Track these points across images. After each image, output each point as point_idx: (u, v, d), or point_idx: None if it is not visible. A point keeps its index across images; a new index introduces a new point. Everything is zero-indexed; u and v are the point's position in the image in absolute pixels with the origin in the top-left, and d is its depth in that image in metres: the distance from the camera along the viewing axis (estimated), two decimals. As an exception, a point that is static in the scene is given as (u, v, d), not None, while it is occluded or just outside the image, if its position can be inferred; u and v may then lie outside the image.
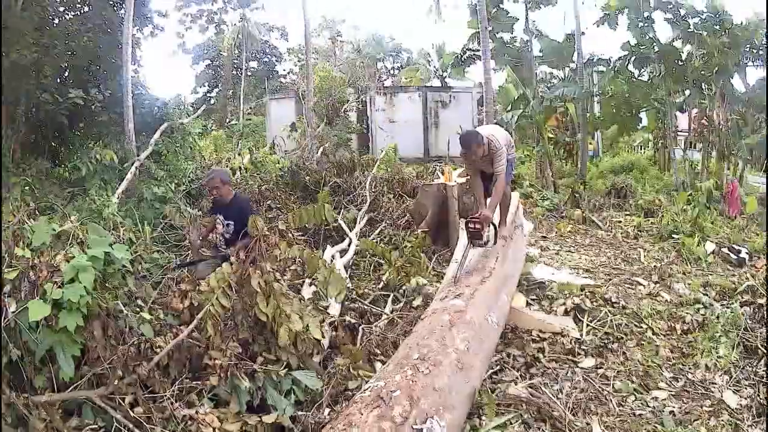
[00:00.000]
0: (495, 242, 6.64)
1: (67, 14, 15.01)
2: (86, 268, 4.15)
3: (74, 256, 4.27)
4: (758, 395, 5.02)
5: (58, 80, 13.46)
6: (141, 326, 4.54)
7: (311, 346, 4.98)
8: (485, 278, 5.69)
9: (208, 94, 46.41)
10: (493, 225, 6.63)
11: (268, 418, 4.32)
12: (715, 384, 5.32)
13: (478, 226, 6.30)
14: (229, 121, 35.99)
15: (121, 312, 4.51)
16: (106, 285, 4.55)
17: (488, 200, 6.70)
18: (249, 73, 43.75)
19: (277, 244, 5.09)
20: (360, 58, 33.32)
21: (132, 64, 14.47)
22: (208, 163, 15.71)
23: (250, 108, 39.81)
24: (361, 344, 5.77)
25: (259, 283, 4.77)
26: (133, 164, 12.22)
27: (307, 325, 4.93)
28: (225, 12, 41.87)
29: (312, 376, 4.79)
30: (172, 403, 4.16)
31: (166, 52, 43.92)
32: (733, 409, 4.87)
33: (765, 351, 5.64)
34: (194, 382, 4.45)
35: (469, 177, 7.54)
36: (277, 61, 47.32)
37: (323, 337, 5.28)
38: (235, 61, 43.07)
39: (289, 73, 45.77)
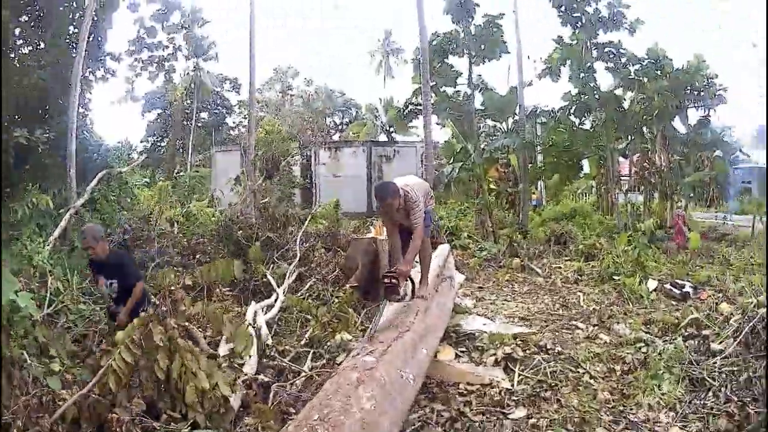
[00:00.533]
0: (412, 297, 6.43)
1: (24, 48, 14.72)
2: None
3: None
4: (708, 428, 4.90)
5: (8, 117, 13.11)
6: (47, 378, 4.37)
7: (218, 404, 4.72)
8: (402, 333, 5.45)
9: (158, 144, 46.07)
10: (410, 279, 6.42)
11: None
12: (660, 422, 5.18)
13: (393, 281, 6.02)
14: (178, 172, 35.72)
15: (26, 362, 4.36)
16: (11, 333, 4.38)
17: (405, 254, 6.36)
18: (199, 124, 43.63)
19: (182, 299, 4.85)
20: (308, 113, 33.54)
21: (80, 108, 14.23)
22: (145, 213, 15.40)
23: (199, 159, 39.60)
24: (273, 403, 5.50)
25: (161, 338, 4.52)
26: (68, 211, 11.95)
27: (216, 383, 4.69)
28: (175, 59, 41.64)
29: (209, 439, 4.52)
30: None
31: (116, 98, 43.18)
32: (681, 446, 4.69)
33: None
34: None
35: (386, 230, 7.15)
36: (227, 113, 47.45)
37: (234, 393, 5.01)
38: (186, 112, 42.94)
39: (238, 125, 45.87)
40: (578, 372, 6.48)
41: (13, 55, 14.04)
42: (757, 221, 20.16)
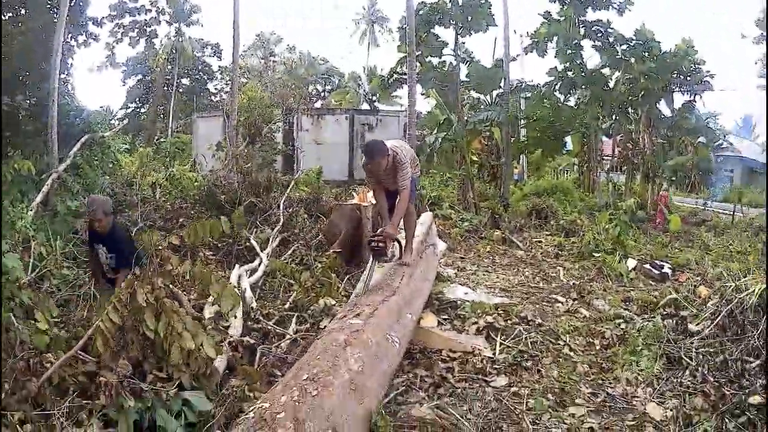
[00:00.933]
0: (400, 256, 6.54)
1: (4, 15, 14.43)
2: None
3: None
4: (684, 405, 4.93)
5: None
6: (34, 337, 4.33)
7: (203, 364, 4.72)
8: (388, 297, 5.52)
9: (139, 110, 45.54)
10: (397, 241, 6.52)
11: (156, 442, 4.05)
12: (638, 397, 5.26)
13: (381, 243, 6.18)
14: (158, 139, 35.39)
15: (12, 325, 4.29)
16: (-2, 296, 4.30)
17: (392, 217, 6.46)
18: (180, 90, 43.14)
19: (169, 258, 4.81)
20: (291, 79, 33.27)
21: (62, 74, 14.05)
22: (128, 178, 15.27)
23: (180, 126, 39.20)
24: (259, 365, 5.54)
25: (146, 298, 4.49)
26: (50, 176, 11.83)
27: (202, 343, 4.70)
28: (158, 23, 41.02)
29: (201, 397, 4.52)
30: (62, 423, 3.89)
31: (97, 64, 42.54)
32: (657, 422, 4.79)
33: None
34: (85, 401, 4.16)
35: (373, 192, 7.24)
36: (208, 78, 46.93)
37: (219, 354, 5.01)
38: (167, 77, 42.42)
39: (219, 91, 45.43)
40: (558, 344, 6.55)
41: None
42: (737, 210, 20.51)
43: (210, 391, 4.71)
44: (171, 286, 5.34)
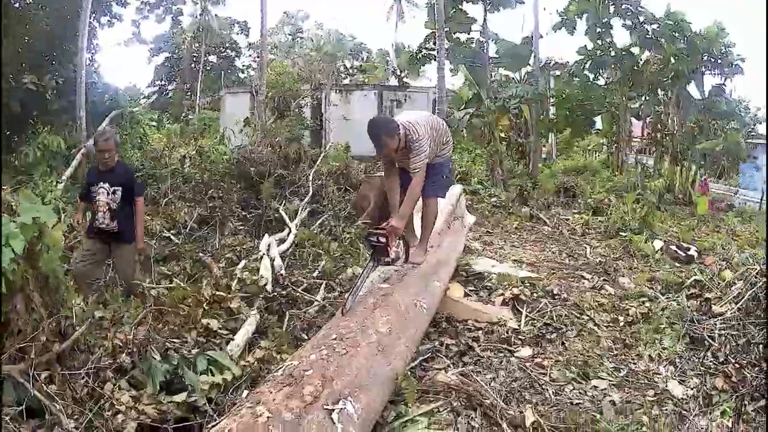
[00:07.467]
0: (406, 259, 5.58)
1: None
2: (16, 235, 3.79)
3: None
4: (705, 385, 4.94)
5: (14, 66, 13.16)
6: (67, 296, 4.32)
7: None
8: (416, 264, 5.56)
9: (166, 88, 45.66)
10: (403, 239, 5.50)
11: (179, 398, 4.09)
12: (659, 374, 5.26)
13: (383, 239, 5.00)
14: (185, 116, 35.56)
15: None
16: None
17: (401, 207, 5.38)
18: (207, 67, 43.18)
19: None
20: (319, 56, 33.22)
21: (87, 53, 14.25)
22: (156, 152, 15.42)
23: (207, 103, 39.31)
24: (287, 328, 5.63)
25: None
26: (79, 150, 12.10)
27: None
28: (183, 2, 40.98)
29: (224, 355, 4.63)
30: (87, 383, 3.96)
31: (123, 41, 42.52)
32: (678, 399, 4.80)
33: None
34: (110, 360, 4.24)
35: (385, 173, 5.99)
36: (236, 55, 46.90)
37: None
38: (194, 55, 42.48)
39: (247, 68, 45.38)
40: (583, 319, 6.55)
41: (17, 4, 13.99)
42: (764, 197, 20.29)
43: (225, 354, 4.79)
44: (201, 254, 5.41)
